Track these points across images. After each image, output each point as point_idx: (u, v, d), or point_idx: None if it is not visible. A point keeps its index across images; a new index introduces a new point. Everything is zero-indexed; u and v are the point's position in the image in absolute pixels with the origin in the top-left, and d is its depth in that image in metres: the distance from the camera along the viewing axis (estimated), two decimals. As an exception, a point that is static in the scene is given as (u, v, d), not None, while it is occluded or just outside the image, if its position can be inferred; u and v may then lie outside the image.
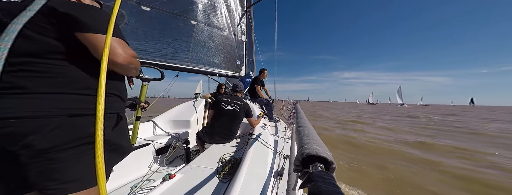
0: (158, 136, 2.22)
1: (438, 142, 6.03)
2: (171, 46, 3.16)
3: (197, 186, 1.10)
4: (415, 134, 7.71)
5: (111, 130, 0.67)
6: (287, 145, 1.99)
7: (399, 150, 5.06)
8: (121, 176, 1.51)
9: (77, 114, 0.56)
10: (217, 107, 2.11)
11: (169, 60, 3.14)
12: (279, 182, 1.17)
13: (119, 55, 0.63)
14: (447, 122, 12.77)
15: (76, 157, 0.56)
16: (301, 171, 0.36)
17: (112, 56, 0.61)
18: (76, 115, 0.56)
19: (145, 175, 1.63)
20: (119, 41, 0.65)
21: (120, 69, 0.68)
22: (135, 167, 1.67)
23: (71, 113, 0.55)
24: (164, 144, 2.03)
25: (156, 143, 1.94)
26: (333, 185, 0.26)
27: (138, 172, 1.68)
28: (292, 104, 2.10)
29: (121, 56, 0.63)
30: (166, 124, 2.47)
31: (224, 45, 3.98)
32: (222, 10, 3.96)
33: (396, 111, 32.29)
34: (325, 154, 0.34)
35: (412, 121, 13.18)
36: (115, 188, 1.46)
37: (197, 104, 2.95)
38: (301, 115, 1.02)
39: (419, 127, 10.09)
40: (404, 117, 16.78)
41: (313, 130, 0.57)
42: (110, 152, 0.66)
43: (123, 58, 0.64)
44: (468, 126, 10.90)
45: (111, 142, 0.66)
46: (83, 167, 0.58)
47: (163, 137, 2.12)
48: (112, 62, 0.62)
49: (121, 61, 0.63)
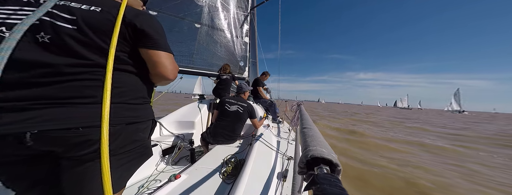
0: (164, 136, 2.25)
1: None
2: (176, 49, 3.21)
3: (201, 186, 1.11)
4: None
5: (148, 135, 0.70)
6: (291, 146, 1.98)
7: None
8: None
9: (132, 121, 0.59)
10: (221, 108, 2.12)
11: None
12: (283, 184, 1.17)
13: (171, 72, 0.67)
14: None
15: (122, 162, 0.59)
16: (306, 173, 0.36)
17: (166, 72, 0.65)
18: (131, 123, 0.59)
19: (152, 175, 1.65)
20: (170, 56, 0.68)
21: (167, 83, 0.72)
22: (142, 167, 1.70)
23: (129, 121, 0.58)
24: (170, 144, 2.06)
25: (162, 144, 1.97)
26: (339, 188, 0.26)
27: (146, 172, 1.71)
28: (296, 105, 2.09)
29: (172, 73, 0.68)
30: (171, 125, 2.50)
31: (227, 47, 4.01)
32: (225, 12, 4.00)
33: (469, 120, 23.41)
34: (330, 156, 0.34)
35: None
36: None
37: (202, 105, 2.98)
38: (305, 116, 1.02)
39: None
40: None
41: (317, 131, 0.56)
42: (144, 155, 0.68)
43: (173, 75, 0.68)
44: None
45: (146, 146, 0.69)
46: (122, 171, 0.61)
47: (169, 138, 2.15)
48: (166, 78, 0.67)
49: (172, 77, 0.68)
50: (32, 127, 0.44)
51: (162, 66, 0.64)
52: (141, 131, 0.63)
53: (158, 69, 0.64)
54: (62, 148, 0.48)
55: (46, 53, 0.48)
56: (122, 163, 0.59)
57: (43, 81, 0.47)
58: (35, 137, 0.44)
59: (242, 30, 4.33)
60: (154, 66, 0.63)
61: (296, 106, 2.02)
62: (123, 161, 0.59)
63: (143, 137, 0.65)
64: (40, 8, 0.49)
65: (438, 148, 5.54)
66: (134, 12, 0.60)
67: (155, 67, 0.64)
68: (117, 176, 0.57)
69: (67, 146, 0.48)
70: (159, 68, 0.64)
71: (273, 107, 3.74)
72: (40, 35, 0.48)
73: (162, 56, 0.63)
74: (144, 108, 0.65)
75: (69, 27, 0.50)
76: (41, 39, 0.48)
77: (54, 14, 0.49)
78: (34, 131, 0.44)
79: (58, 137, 0.46)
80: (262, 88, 3.97)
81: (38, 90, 0.46)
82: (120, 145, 0.56)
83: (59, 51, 0.49)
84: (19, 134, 0.43)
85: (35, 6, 0.49)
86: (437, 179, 3.21)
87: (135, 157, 0.63)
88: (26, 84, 0.46)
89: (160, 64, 0.63)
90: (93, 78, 0.52)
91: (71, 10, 0.51)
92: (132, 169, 0.64)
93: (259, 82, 3.93)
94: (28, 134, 0.43)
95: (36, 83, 0.46)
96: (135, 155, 0.63)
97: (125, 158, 0.59)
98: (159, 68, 0.64)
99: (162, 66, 0.64)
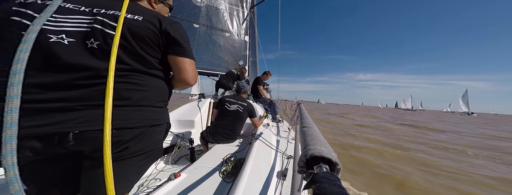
0: None
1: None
2: None
3: (201, 185, 1.11)
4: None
5: (163, 137, 0.72)
6: (291, 145, 1.99)
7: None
8: None
9: (155, 124, 0.62)
10: (221, 107, 2.11)
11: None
12: (283, 183, 1.17)
13: (193, 79, 0.71)
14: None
15: (141, 163, 0.62)
16: (305, 172, 0.36)
17: (189, 79, 0.69)
18: (154, 125, 0.62)
19: (152, 174, 1.66)
20: (193, 63, 0.72)
21: (187, 87, 0.76)
22: None
23: (152, 123, 0.61)
24: (170, 143, 2.06)
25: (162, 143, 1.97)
26: (339, 186, 0.26)
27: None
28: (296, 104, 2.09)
29: (194, 79, 0.72)
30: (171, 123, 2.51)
31: (227, 46, 4.00)
32: (224, 11, 3.99)
33: (486, 122, 20.02)
34: (329, 155, 0.34)
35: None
36: None
37: (201, 104, 2.98)
38: (305, 115, 1.02)
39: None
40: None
41: (317, 130, 0.56)
42: (156, 157, 0.70)
43: (194, 81, 0.72)
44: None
45: (161, 148, 0.71)
46: (140, 170, 0.63)
47: (169, 137, 2.15)
48: (188, 84, 0.71)
49: (193, 83, 0.72)
50: (74, 128, 0.47)
51: (187, 72, 0.69)
52: (158, 133, 0.66)
53: (182, 75, 0.69)
54: (91, 148, 0.50)
55: (92, 57, 0.51)
56: (141, 165, 0.62)
57: (86, 84, 0.50)
58: (76, 137, 0.47)
59: (242, 29, 4.32)
60: (180, 72, 0.68)
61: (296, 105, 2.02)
62: (142, 162, 0.62)
63: (160, 139, 0.68)
64: (90, 16, 0.53)
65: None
66: (169, 21, 0.64)
67: (180, 73, 0.68)
68: (132, 175, 0.61)
69: (96, 147, 0.49)
70: (183, 74, 0.68)
71: (273, 106, 3.74)
72: (90, 41, 0.51)
73: (187, 63, 0.68)
74: (164, 110, 0.68)
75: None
76: (90, 45, 0.51)
77: (105, 22, 0.53)
78: (75, 131, 0.47)
79: (93, 137, 0.49)
80: (263, 88, 3.97)
81: (80, 92, 0.49)
82: (143, 146, 0.59)
83: (103, 56, 0.52)
84: (63, 133, 0.46)
85: (89, 14, 0.54)
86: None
87: (151, 158, 0.66)
88: (71, 86, 0.49)
89: (185, 71, 0.68)
90: (130, 82, 0.56)
91: (117, 19, 0.55)
92: (145, 168, 0.67)
93: (260, 81, 3.92)
94: (70, 134, 0.46)
95: (80, 86, 0.49)
96: (151, 157, 0.66)
97: (144, 159, 0.62)
98: (184, 74, 0.68)
99: (187, 72, 0.69)
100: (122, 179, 0.57)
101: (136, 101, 0.56)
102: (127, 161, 0.56)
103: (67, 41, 0.49)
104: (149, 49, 0.59)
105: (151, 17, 0.60)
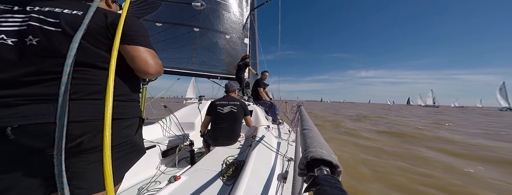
0: (164, 138, 2.24)
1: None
2: (175, 53, 3.31)
3: (201, 188, 1.10)
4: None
5: (135, 132, 0.71)
6: (291, 147, 1.98)
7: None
8: (128, 177, 1.53)
9: (115, 118, 0.61)
10: (214, 112, 2.03)
11: (172, 65, 3.27)
12: (283, 186, 1.16)
13: (150, 66, 0.68)
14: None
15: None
16: (306, 175, 0.36)
17: (145, 67, 0.67)
18: (115, 119, 0.60)
19: (152, 177, 1.65)
20: (151, 52, 0.71)
21: (148, 77, 0.74)
22: (142, 168, 1.69)
23: (113, 117, 0.60)
24: (170, 146, 2.05)
25: (162, 145, 1.96)
26: (339, 189, 0.26)
27: (145, 174, 1.70)
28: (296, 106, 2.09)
29: (152, 66, 0.69)
30: (171, 126, 2.50)
31: (227, 49, 4.03)
32: (225, 15, 4.03)
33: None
34: (330, 157, 0.34)
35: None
36: (123, 189, 1.48)
37: (202, 106, 2.98)
38: (305, 117, 1.02)
39: None
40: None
41: (317, 132, 0.56)
42: (133, 153, 0.69)
43: (154, 69, 0.69)
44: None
45: (135, 143, 0.70)
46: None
47: (169, 139, 2.15)
48: (145, 72, 0.69)
49: (152, 71, 0.69)
50: (13, 122, 0.47)
51: (140, 60, 0.66)
52: (124, 128, 0.65)
53: (137, 64, 0.66)
54: (44, 144, 0.50)
55: (32, 55, 0.52)
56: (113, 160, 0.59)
57: (29, 80, 0.51)
58: (16, 131, 0.47)
59: (242, 31, 4.36)
60: (132, 61, 0.66)
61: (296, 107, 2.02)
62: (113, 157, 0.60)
63: (128, 134, 0.67)
64: (27, 15, 0.54)
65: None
66: (115, 15, 0.65)
67: (133, 62, 0.66)
68: (101, 172, 0.58)
69: (49, 142, 0.49)
70: (137, 63, 0.66)
71: (273, 108, 3.74)
72: (28, 38, 0.52)
73: (140, 51, 0.66)
74: (127, 105, 0.67)
75: (54, 30, 0.54)
76: (29, 42, 0.52)
77: (42, 19, 0.54)
78: (14, 125, 0.47)
79: (37, 130, 0.49)
80: (263, 89, 3.98)
81: (26, 88, 0.50)
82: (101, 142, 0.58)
83: (44, 52, 0.53)
84: (1, 128, 0.46)
85: (23, 13, 0.54)
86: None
87: (122, 154, 0.64)
88: (16, 83, 0.50)
89: (138, 59, 0.66)
90: (82, 77, 0.56)
91: (56, 15, 0.56)
92: (122, 167, 0.66)
93: (260, 83, 3.93)
94: (9, 128, 0.47)
95: (24, 83, 0.51)
96: (122, 153, 0.64)
97: (114, 154, 0.60)
98: (138, 63, 0.66)
99: (141, 61, 0.66)
100: (85, 176, 0.55)
101: (87, 95, 0.56)
102: (88, 156, 0.56)
103: (11, 41, 0.51)
104: (99, 44, 0.60)
105: (96, 12, 0.61)
